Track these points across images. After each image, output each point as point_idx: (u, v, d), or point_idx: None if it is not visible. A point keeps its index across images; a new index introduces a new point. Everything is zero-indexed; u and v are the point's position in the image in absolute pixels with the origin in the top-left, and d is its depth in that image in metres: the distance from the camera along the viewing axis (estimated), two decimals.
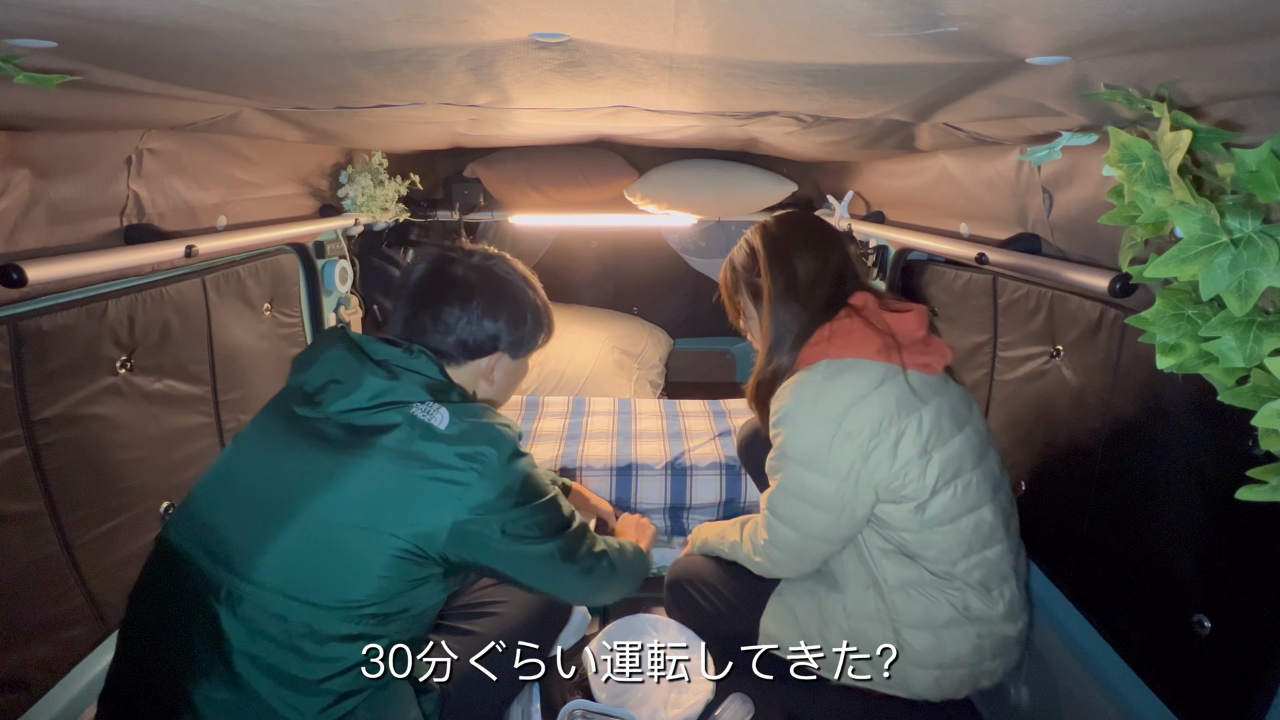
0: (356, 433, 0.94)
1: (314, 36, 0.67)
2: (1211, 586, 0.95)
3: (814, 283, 1.23)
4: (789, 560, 1.24)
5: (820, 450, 1.13)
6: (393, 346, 1.02)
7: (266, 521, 0.92)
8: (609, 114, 1.27)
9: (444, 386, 1.00)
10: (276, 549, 0.90)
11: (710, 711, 1.27)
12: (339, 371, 0.97)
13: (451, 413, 0.95)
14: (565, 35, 0.69)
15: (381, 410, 0.94)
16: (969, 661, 1.16)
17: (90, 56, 0.69)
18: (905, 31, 0.60)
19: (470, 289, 1.07)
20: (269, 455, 0.97)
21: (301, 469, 0.94)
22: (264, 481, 0.95)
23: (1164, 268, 0.64)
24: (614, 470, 1.90)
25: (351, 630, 0.91)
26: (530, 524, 0.98)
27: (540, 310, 1.14)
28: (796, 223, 1.32)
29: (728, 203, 2.39)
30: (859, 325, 1.17)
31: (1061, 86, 0.75)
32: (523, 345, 1.13)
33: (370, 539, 0.90)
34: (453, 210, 2.46)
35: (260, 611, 0.89)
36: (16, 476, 1.04)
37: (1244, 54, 0.58)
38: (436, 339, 1.05)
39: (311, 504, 0.91)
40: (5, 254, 0.99)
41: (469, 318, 1.06)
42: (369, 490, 0.91)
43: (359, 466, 0.92)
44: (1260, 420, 0.63)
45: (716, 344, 3.20)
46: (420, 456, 0.92)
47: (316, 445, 0.95)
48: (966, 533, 1.14)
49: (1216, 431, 0.93)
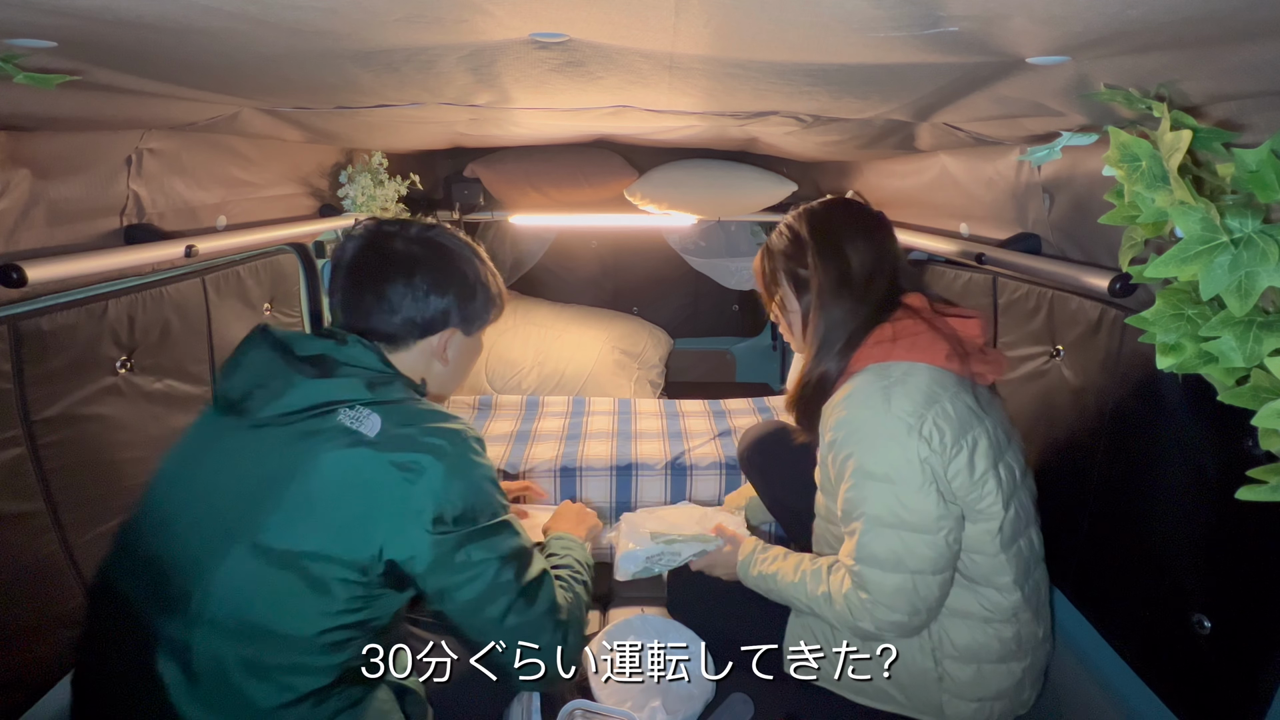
0: (288, 444, 0.86)
1: (314, 36, 0.67)
2: (1211, 586, 0.94)
3: (870, 276, 1.11)
4: (904, 617, 1.02)
5: (909, 461, 0.99)
6: (324, 339, 0.93)
7: (204, 554, 0.84)
8: (609, 114, 1.26)
9: (385, 378, 0.92)
10: (219, 583, 0.83)
11: (710, 711, 1.27)
12: (264, 375, 0.89)
13: (384, 417, 0.87)
14: (565, 35, 0.69)
15: (314, 417, 0.87)
16: (1010, 694, 1.11)
17: (90, 56, 0.69)
18: (905, 31, 0.60)
19: (413, 262, 0.98)
20: (202, 476, 0.89)
21: (235, 489, 0.86)
22: (201, 506, 0.87)
23: (1164, 268, 0.64)
24: (614, 470, 1.90)
25: (304, 660, 0.85)
26: (471, 550, 0.88)
27: (490, 281, 1.05)
28: (847, 209, 1.20)
29: (728, 203, 2.39)
30: (923, 327, 1.07)
31: (1062, 86, 0.75)
32: (475, 319, 1.04)
33: (312, 565, 0.83)
34: (453, 210, 2.46)
35: (206, 651, 0.82)
36: (16, 476, 1.04)
37: (1244, 54, 0.58)
38: (382, 320, 0.97)
39: (248, 531, 0.84)
40: (5, 254, 0.99)
41: (415, 294, 0.97)
42: (304, 511, 0.84)
43: (293, 485, 0.84)
44: (1260, 420, 0.63)
45: (716, 344, 3.20)
46: (353, 471, 0.84)
47: (248, 461, 0.87)
48: (1025, 554, 1.09)
49: (1216, 431, 0.93)
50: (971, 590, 1.07)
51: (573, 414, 2.27)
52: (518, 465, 1.90)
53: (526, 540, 0.96)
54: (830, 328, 1.11)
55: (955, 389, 1.05)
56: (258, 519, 0.84)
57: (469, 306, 1.02)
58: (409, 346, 1.00)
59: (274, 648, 0.84)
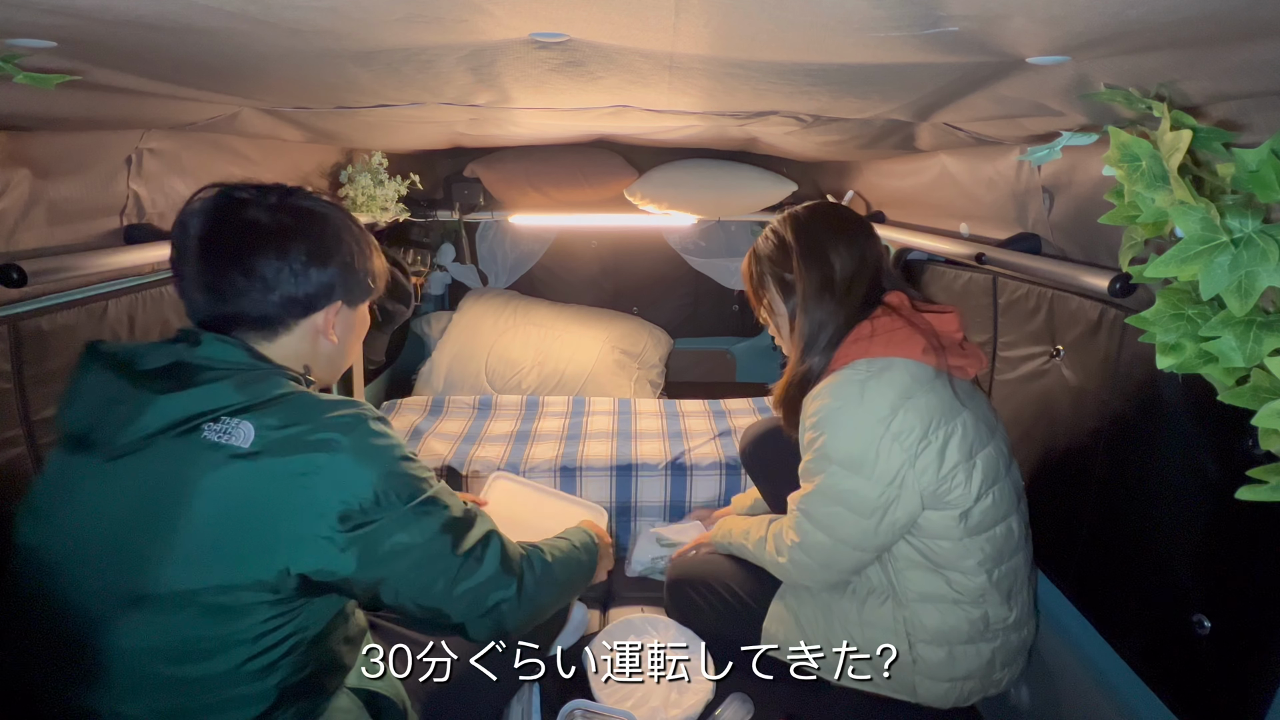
0: (153, 474, 0.76)
1: (313, 36, 0.67)
2: (1211, 586, 0.94)
3: (852, 279, 1.16)
4: (816, 567, 1.16)
5: (867, 453, 1.07)
6: (172, 343, 0.83)
7: (95, 621, 0.76)
8: (609, 114, 1.26)
9: (258, 374, 0.82)
10: (120, 650, 0.75)
11: (710, 711, 1.27)
12: (107, 399, 0.79)
13: (260, 422, 0.77)
14: (565, 35, 0.69)
15: (177, 436, 0.77)
16: (980, 674, 1.16)
17: (90, 56, 0.69)
18: (905, 31, 0.60)
19: (285, 234, 0.86)
20: (67, 530, 0.78)
21: (109, 538, 0.77)
22: (75, 566, 0.77)
23: (1164, 267, 0.64)
24: (614, 470, 1.90)
25: (233, 694, 0.78)
26: (397, 536, 0.81)
27: (369, 247, 0.96)
28: (830, 214, 1.23)
29: (728, 202, 2.39)
30: (901, 324, 1.12)
31: (1062, 86, 0.75)
32: (358, 290, 0.95)
33: (215, 598, 0.75)
34: (453, 210, 2.46)
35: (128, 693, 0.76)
36: (17, 476, 1.04)
37: (1244, 54, 0.58)
38: (255, 301, 0.85)
39: (136, 584, 0.75)
40: (5, 253, 1.00)
41: (291, 267, 0.86)
42: (192, 548, 0.75)
43: (174, 521, 0.75)
44: (1260, 420, 0.63)
45: (716, 344, 3.20)
46: (235, 491, 0.76)
47: (112, 502, 0.77)
48: (1000, 541, 1.13)
49: (1216, 431, 0.93)
50: (939, 574, 1.13)
51: (573, 414, 2.27)
52: (518, 465, 1.90)
53: (459, 507, 0.90)
54: (814, 328, 1.16)
55: (931, 382, 1.09)
56: (144, 570, 0.75)
57: (353, 276, 0.93)
58: (290, 329, 0.89)
59: (197, 692, 0.77)
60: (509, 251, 2.97)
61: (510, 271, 3.00)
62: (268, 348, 0.88)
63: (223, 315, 0.86)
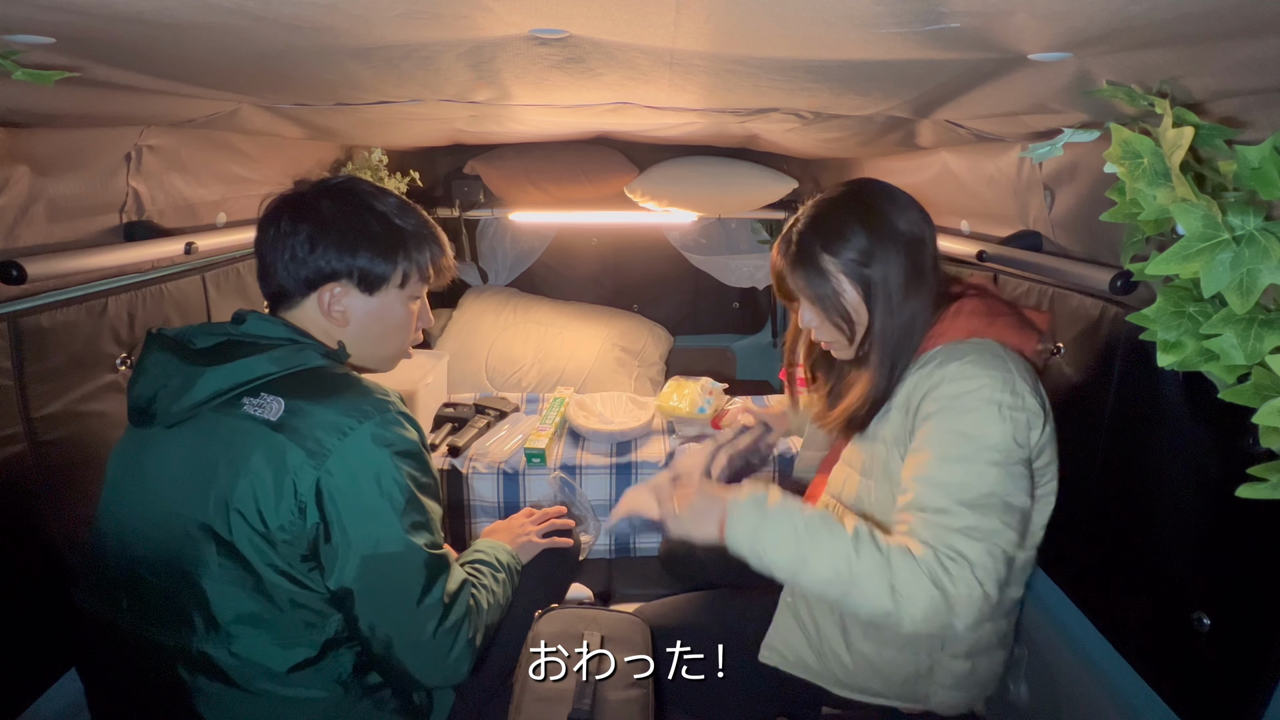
0: (208, 438, 0.85)
1: (312, 32, 0.67)
2: (1211, 584, 0.94)
3: (935, 260, 1.03)
4: (987, 606, 0.86)
5: (1015, 444, 0.91)
6: (223, 324, 0.93)
7: (182, 566, 0.85)
8: (609, 110, 1.26)
9: (294, 347, 0.89)
10: (211, 593, 0.84)
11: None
12: (165, 376, 0.88)
13: (287, 400, 0.85)
14: (565, 31, 0.69)
15: (222, 404, 0.86)
16: (989, 682, 1.15)
17: (89, 53, 0.69)
18: (907, 27, 0.60)
19: (304, 211, 0.95)
20: (146, 489, 0.88)
21: (180, 491, 0.86)
22: (155, 517, 0.87)
23: (1165, 265, 0.64)
24: (613, 469, 1.90)
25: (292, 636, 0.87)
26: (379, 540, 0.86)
27: (405, 241, 0.97)
28: (880, 187, 1.04)
29: (728, 200, 2.39)
30: (1006, 308, 1.02)
31: (1063, 83, 0.74)
32: (371, 278, 0.96)
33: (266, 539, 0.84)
34: (453, 207, 2.46)
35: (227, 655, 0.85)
36: (17, 473, 1.04)
37: (1246, 50, 0.57)
38: (279, 275, 0.94)
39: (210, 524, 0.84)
40: (5, 250, 1.00)
41: (298, 242, 0.93)
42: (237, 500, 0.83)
43: (236, 478, 0.83)
44: (1261, 418, 0.63)
45: (717, 341, 3.20)
46: (273, 461, 0.83)
47: (174, 463, 0.87)
48: (1031, 546, 1.08)
49: (1217, 429, 0.93)
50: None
51: None
52: (517, 464, 1.90)
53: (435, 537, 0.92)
54: (907, 323, 1.00)
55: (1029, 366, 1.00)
56: (203, 519, 0.84)
57: (355, 262, 0.94)
58: (297, 304, 0.96)
59: (264, 630, 0.85)
60: (509, 249, 2.97)
61: (510, 269, 3.00)
62: (293, 318, 0.96)
63: (266, 294, 0.98)
